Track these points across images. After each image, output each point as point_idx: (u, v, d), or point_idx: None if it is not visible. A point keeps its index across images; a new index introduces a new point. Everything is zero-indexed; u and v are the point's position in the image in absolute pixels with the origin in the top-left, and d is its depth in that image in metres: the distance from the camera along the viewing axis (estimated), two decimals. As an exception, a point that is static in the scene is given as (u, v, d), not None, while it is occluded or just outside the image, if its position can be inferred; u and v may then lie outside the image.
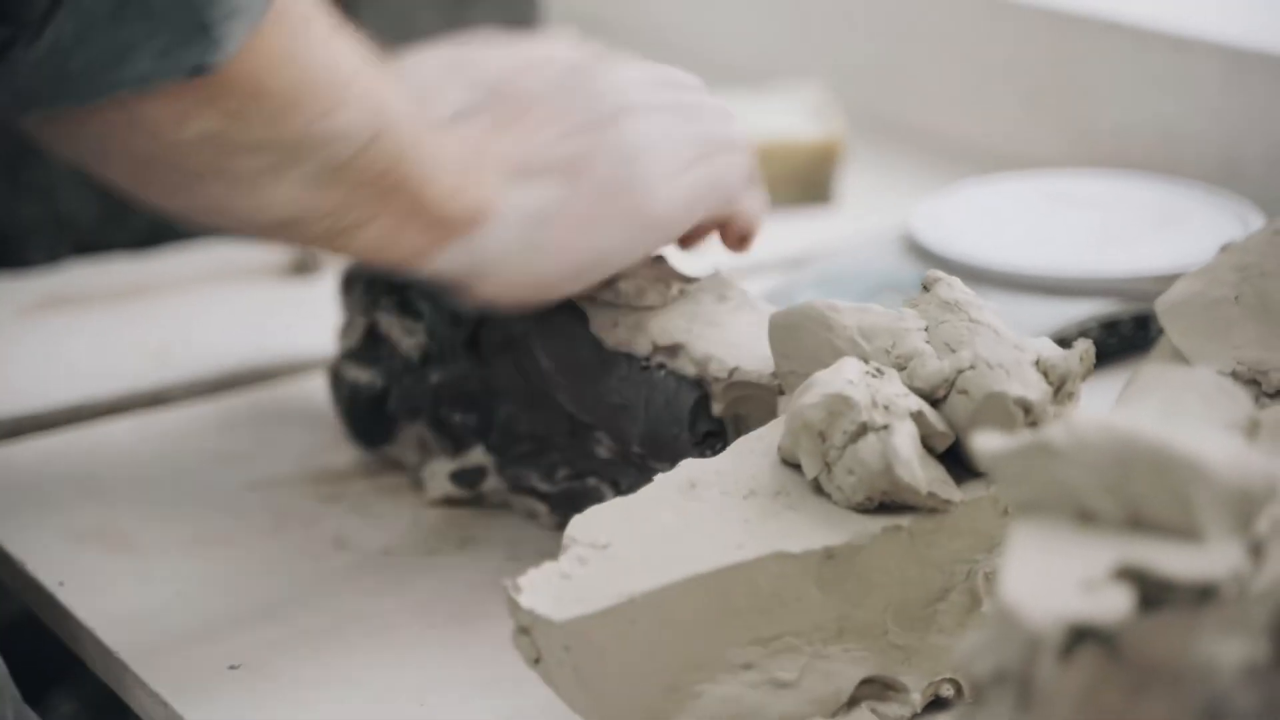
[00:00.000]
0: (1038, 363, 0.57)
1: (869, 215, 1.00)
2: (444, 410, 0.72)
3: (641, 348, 0.66)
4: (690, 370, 0.64)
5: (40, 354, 0.86)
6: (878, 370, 0.57)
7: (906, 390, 0.57)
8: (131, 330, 0.88)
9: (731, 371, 0.64)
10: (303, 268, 0.93)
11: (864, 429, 0.55)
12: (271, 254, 0.93)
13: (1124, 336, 0.83)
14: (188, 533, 0.71)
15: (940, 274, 0.60)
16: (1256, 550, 0.46)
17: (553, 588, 0.53)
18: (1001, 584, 0.45)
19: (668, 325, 0.66)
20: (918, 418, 0.56)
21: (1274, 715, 0.41)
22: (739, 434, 0.62)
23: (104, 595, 0.68)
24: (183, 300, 0.91)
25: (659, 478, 0.57)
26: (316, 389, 0.82)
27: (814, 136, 1.02)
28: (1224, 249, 0.71)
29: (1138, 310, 0.83)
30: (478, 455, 0.71)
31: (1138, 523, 0.46)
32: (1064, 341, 0.82)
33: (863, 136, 1.07)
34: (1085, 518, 0.47)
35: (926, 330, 0.59)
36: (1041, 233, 0.89)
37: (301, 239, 0.63)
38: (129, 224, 0.96)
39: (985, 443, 0.48)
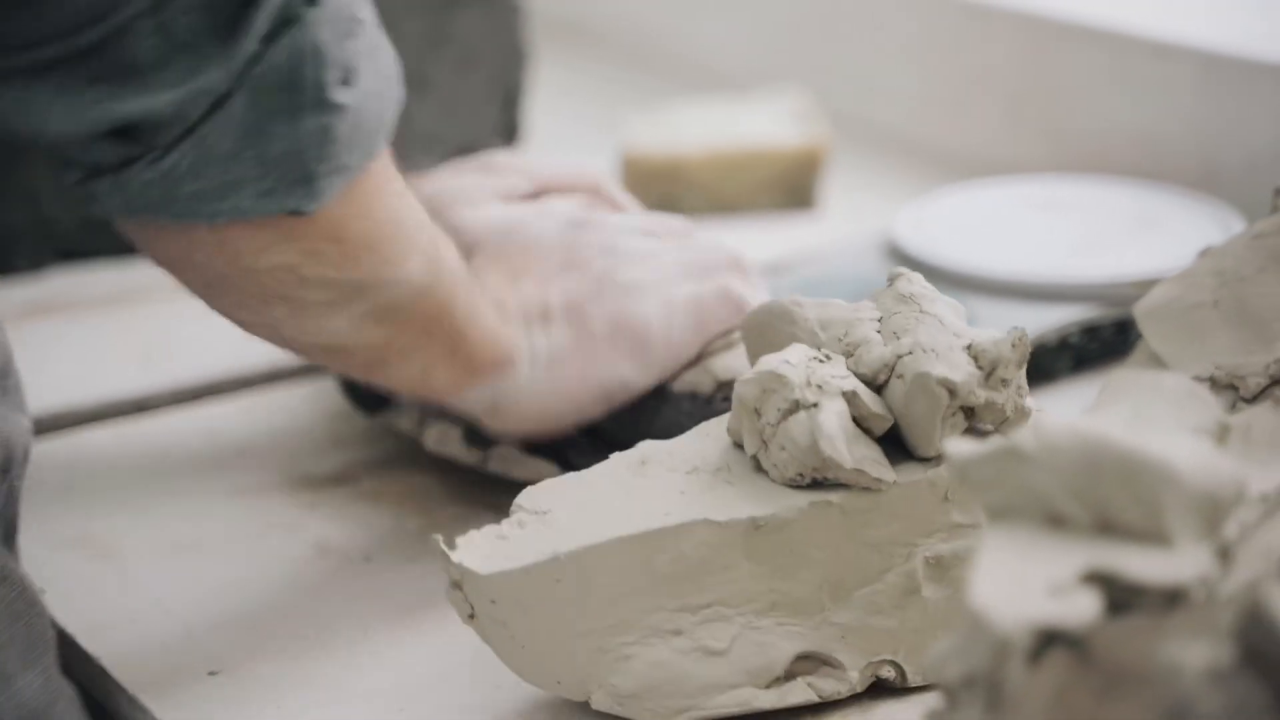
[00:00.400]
0: (969, 348, 0.58)
1: (852, 220, 1.00)
2: None
3: (705, 387, 0.70)
4: None
5: (24, 361, 0.86)
6: (826, 356, 0.59)
7: (846, 373, 0.58)
8: (115, 337, 0.88)
9: None
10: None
11: (795, 406, 0.57)
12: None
13: (1104, 341, 0.84)
14: (170, 539, 0.72)
15: (903, 270, 0.62)
16: (1224, 554, 0.47)
17: (487, 546, 0.56)
18: (971, 588, 0.45)
19: (730, 364, 0.70)
20: (851, 398, 0.58)
21: (1239, 718, 0.42)
22: None
23: (86, 602, 0.68)
24: (166, 307, 0.91)
25: (615, 455, 0.59)
26: (299, 396, 0.83)
27: (797, 142, 1.03)
28: (1202, 254, 0.71)
29: (1118, 315, 0.83)
30: None
31: (1107, 527, 0.47)
32: (1043, 345, 0.83)
33: (846, 142, 1.07)
34: (1055, 522, 0.47)
35: (880, 321, 0.61)
36: (1022, 238, 0.90)
37: (345, 365, 0.67)
38: (113, 232, 0.95)
39: (956, 448, 0.48)
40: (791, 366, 0.57)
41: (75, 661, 0.66)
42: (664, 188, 1.03)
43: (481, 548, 0.56)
